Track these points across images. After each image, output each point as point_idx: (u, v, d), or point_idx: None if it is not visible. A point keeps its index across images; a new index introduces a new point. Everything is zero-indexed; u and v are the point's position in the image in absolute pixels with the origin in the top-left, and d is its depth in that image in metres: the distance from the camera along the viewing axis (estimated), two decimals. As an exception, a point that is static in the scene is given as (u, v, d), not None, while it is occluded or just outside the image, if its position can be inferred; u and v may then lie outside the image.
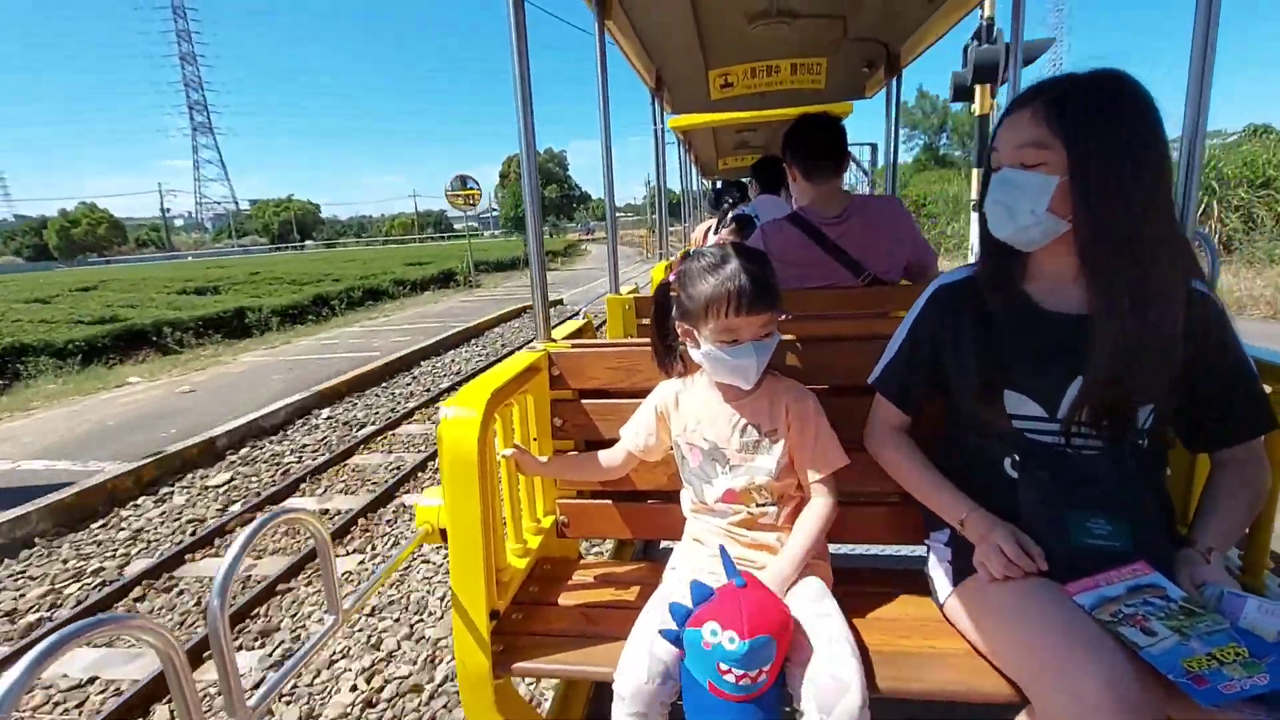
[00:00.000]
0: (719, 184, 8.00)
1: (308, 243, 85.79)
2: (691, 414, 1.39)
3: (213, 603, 0.82)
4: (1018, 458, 1.16)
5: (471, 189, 19.91)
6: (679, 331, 1.35)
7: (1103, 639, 0.95)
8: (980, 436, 1.23)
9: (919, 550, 1.43)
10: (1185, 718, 0.92)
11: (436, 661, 2.74)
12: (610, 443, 1.52)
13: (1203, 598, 1.00)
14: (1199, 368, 1.08)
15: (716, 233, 3.82)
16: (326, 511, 4.28)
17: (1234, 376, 1.11)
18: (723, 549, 1.20)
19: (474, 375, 5.41)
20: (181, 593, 3.43)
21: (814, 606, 1.23)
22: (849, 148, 2.27)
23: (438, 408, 2.88)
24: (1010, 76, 2.26)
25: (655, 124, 3.75)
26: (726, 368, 1.27)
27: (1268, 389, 1.15)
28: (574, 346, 1.65)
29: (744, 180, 6.10)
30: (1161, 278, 1.02)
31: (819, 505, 1.30)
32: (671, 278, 1.35)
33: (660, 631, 1.12)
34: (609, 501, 1.63)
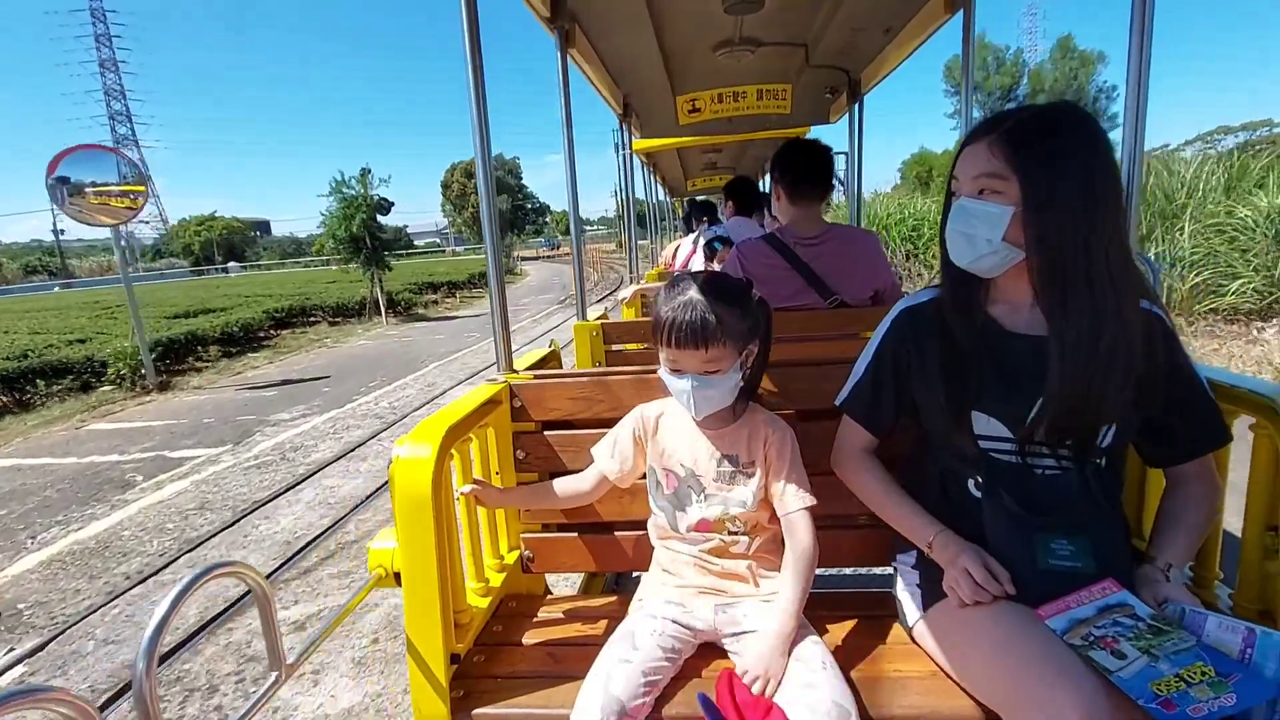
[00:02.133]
0: (688, 205, 8.07)
1: (232, 264, 75.53)
2: (670, 440, 1.37)
3: (138, 666, 0.78)
4: (981, 479, 1.16)
5: (133, 185, 8.71)
6: None
7: (1076, 665, 0.94)
8: (948, 457, 1.23)
9: (885, 570, 1.42)
10: None
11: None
12: (575, 474, 1.49)
13: (1167, 615, 1.01)
14: (1155, 386, 1.10)
15: (704, 256, 3.84)
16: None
17: (1188, 393, 1.13)
18: (702, 698, 1.13)
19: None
20: None
21: (803, 631, 1.23)
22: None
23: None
24: (963, 112, 2.32)
25: (624, 149, 3.78)
26: (674, 392, 1.29)
27: None
28: (536, 377, 1.63)
29: (712, 200, 6.14)
30: (1115, 301, 1.04)
31: (801, 548, 1.27)
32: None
33: None
34: (574, 534, 1.60)
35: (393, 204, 16.68)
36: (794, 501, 1.29)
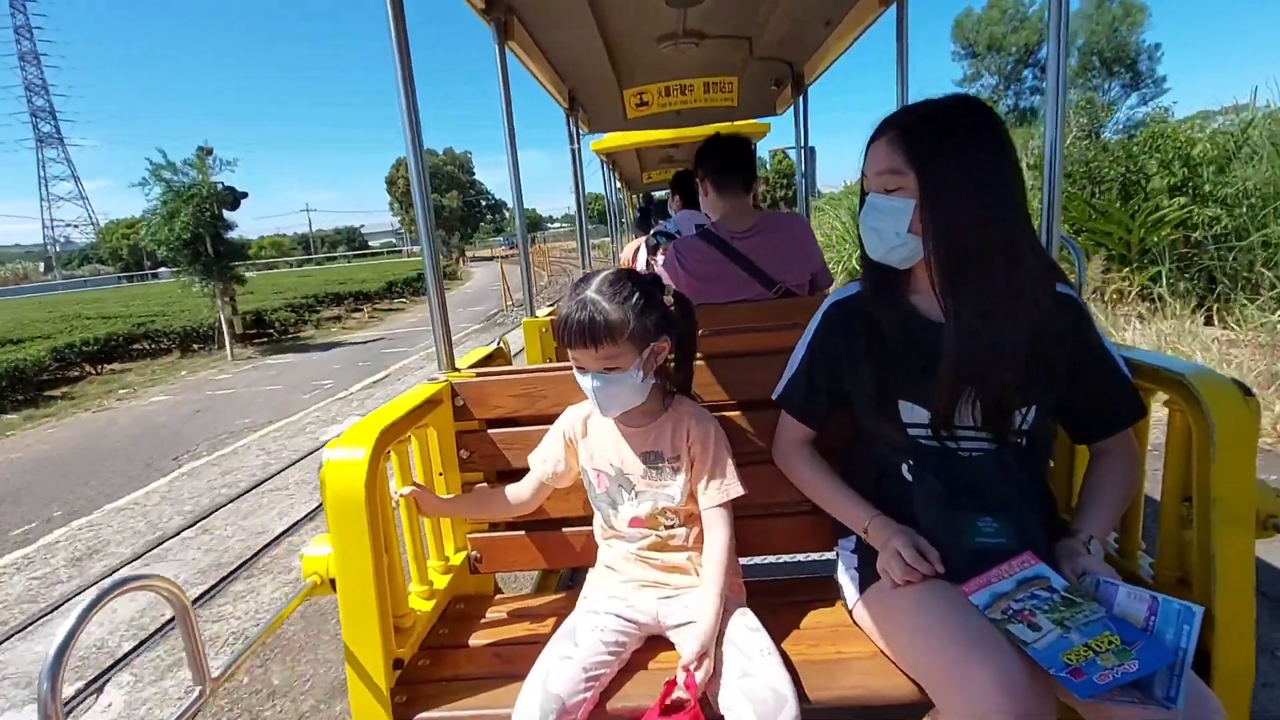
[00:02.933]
0: (644, 201, 8.01)
1: (162, 270, 66.43)
2: (597, 440, 1.38)
3: (42, 688, 0.74)
4: (911, 463, 1.19)
5: None
6: None
7: (995, 638, 0.98)
8: (881, 445, 1.26)
9: (828, 556, 1.45)
10: (1076, 702, 0.96)
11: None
12: (522, 472, 1.48)
13: (1082, 587, 1.05)
14: (1073, 366, 1.14)
15: (647, 250, 3.84)
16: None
17: (1104, 371, 1.18)
18: None
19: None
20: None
21: (741, 620, 1.24)
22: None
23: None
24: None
25: (571, 144, 3.75)
26: (584, 392, 1.29)
27: None
28: (478, 375, 1.60)
29: (662, 195, 6.17)
30: (1011, 286, 1.08)
31: (716, 544, 1.29)
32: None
33: None
34: (522, 532, 1.59)
35: (244, 195, 12.65)
36: (714, 497, 1.30)
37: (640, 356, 1.25)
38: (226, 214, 12.23)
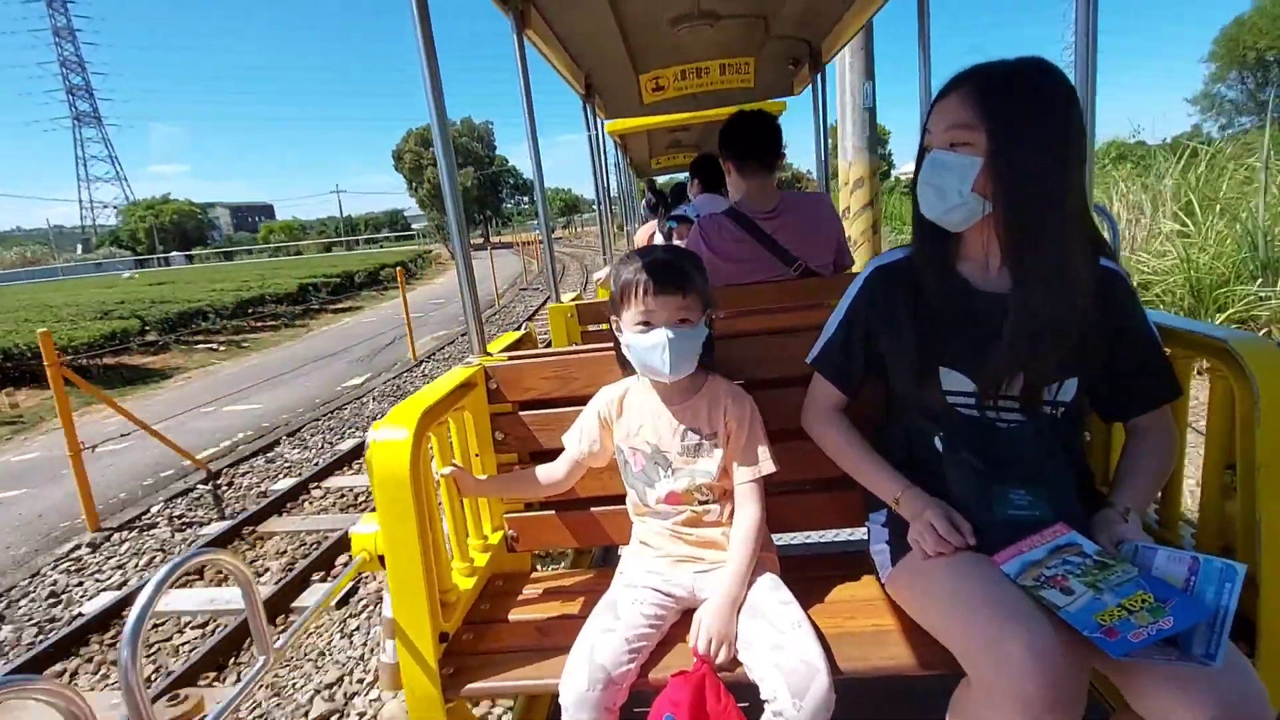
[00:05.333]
0: (649, 188, 8.00)
1: (175, 255, 64.83)
2: (634, 419, 1.39)
3: (123, 654, 0.78)
4: (943, 435, 1.20)
5: None
6: (613, 328, 1.37)
7: (1025, 605, 0.98)
8: (915, 416, 1.26)
9: (860, 533, 1.46)
10: (1108, 666, 0.97)
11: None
12: (554, 452, 1.51)
13: (1119, 552, 1.05)
14: (1114, 341, 1.13)
15: (663, 236, 3.85)
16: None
17: (1144, 348, 1.16)
18: None
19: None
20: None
21: (774, 595, 1.26)
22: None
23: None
24: (921, 75, 2.34)
25: (589, 130, 3.75)
26: (643, 356, 1.28)
27: (1168, 352, 1.20)
28: (510, 359, 1.63)
29: (681, 181, 6.13)
30: (1072, 257, 1.07)
31: (748, 519, 1.31)
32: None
33: None
34: (555, 512, 1.62)
35: None
36: (747, 473, 1.32)
37: (705, 315, 1.29)
38: None
